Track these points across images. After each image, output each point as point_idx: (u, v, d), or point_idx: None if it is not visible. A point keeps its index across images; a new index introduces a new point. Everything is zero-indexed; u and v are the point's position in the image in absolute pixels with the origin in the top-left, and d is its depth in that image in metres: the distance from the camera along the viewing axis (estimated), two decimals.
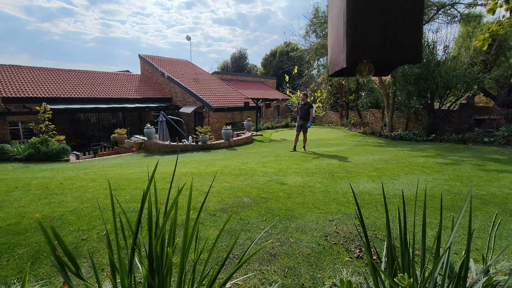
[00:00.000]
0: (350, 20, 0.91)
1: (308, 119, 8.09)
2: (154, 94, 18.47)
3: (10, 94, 12.56)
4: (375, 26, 0.92)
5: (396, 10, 0.92)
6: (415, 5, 0.93)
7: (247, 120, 13.29)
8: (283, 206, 3.14)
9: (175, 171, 5.14)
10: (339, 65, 0.97)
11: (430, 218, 2.89)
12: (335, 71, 1.04)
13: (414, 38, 0.95)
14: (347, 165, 5.70)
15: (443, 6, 11.50)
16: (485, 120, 11.60)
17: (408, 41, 0.94)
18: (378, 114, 17.00)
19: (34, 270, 1.86)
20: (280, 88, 29.90)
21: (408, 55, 0.94)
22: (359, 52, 0.92)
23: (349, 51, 0.91)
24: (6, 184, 4.22)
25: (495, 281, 1.26)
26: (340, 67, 0.96)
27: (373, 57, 0.93)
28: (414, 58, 0.96)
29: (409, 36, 0.94)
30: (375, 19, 0.92)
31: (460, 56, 12.11)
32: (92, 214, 2.79)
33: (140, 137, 10.90)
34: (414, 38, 0.95)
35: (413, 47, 0.95)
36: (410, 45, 0.94)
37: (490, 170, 5.20)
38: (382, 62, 1.00)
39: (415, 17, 0.94)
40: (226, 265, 1.96)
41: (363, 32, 0.92)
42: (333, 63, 1.05)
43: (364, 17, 0.91)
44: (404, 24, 0.93)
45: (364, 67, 0.98)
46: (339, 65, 0.97)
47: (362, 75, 1.02)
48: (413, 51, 0.95)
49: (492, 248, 1.40)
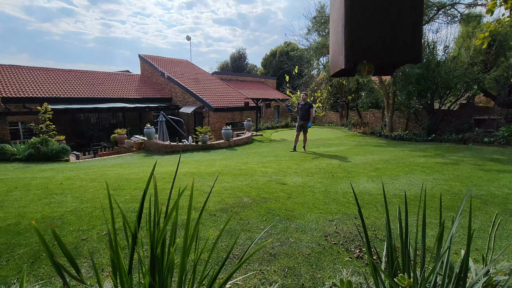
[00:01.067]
0: (348, 21, 0.91)
1: (308, 119, 8.10)
2: (154, 94, 18.47)
3: (10, 94, 12.55)
4: (374, 27, 0.92)
5: (395, 10, 0.92)
6: (415, 4, 0.93)
7: (247, 120, 13.29)
8: (283, 206, 3.14)
9: (175, 171, 5.14)
10: (338, 66, 0.98)
11: (430, 218, 2.89)
12: (335, 71, 1.05)
13: (414, 38, 0.95)
14: (347, 165, 5.70)
15: (443, 6, 11.50)
16: (485, 120, 11.60)
17: (408, 41, 0.94)
18: (378, 114, 17.00)
19: (34, 270, 1.86)
20: (280, 88, 29.90)
21: (408, 55, 0.95)
22: (358, 54, 0.92)
23: (348, 52, 0.91)
24: (6, 184, 4.22)
25: (495, 281, 1.26)
26: (340, 68, 0.97)
27: (372, 58, 0.94)
28: (414, 58, 0.96)
29: (409, 36, 0.94)
30: (374, 20, 0.92)
31: (460, 56, 12.09)
32: (92, 214, 2.79)
33: (140, 137, 10.90)
34: (414, 38, 0.95)
35: (413, 47, 0.95)
36: (410, 45, 0.94)
37: (490, 170, 5.20)
38: (382, 63, 1.00)
39: (415, 16, 0.94)
40: (226, 265, 1.96)
41: (362, 33, 0.92)
42: (333, 64, 1.06)
43: (363, 18, 0.92)
44: (403, 24, 0.93)
45: (364, 68, 0.98)
46: (339, 66, 0.97)
47: (361, 75, 1.02)
48: (413, 51, 0.95)
49: (492, 248, 1.40)
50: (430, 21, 12.01)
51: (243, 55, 40.05)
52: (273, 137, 13.21)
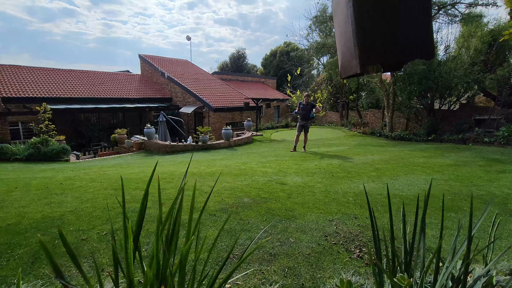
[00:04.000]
0: (358, 26, 0.91)
1: (310, 119, 8.15)
2: (154, 94, 18.48)
3: (10, 94, 12.56)
4: (385, 28, 0.92)
5: (405, 9, 0.92)
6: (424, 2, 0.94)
7: (247, 120, 13.29)
8: (283, 206, 3.14)
9: (175, 171, 5.14)
10: (352, 71, 0.98)
11: (430, 218, 2.89)
12: (348, 75, 1.06)
13: (427, 33, 0.95)
14: (347, 165, 5.70)
15: (444, 5, 11.49)
16: (485, 120, 11.59)
17: (421, 37, 0.95)
18: (378, 114, 17.00)
19: (34, 270, 1.86)
20: (280, 88, 29.90)
21: (422, 51, 0.95)
22: (371, 57, 0.93)
23: (362, 57, 0.91)
24: (6, 184, 4.22)
25: (495, 281, 1.26)
26: (354, 72, 0.97)
27: (386, 59, 0.94)
28: (427, 54, 0.97)
29: (422, 32, 0.94)
30: (385, 21, 0.92)
31: (461, 56, 12.09)
32: (92, 214, 2.79)
33: (140, 137, 10.90)
34: (427, 33, 0.95)
35: (427, 43, 0.95)
36: (423, 42, 0.95)
37: (490, 170, 5.19)
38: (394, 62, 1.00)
39: (425, 13, 0.95)
40: (226, 265, 1.96)
41: (374, 35, 0.92)
42: (345, 68, 1.06)
43: (373, 20, 0.91)
44: (414, 22, 0.93)
45: (372, 68, 0.99)
46: (352, 71, 0.98)
47: (371, 74, 1.04)
48: (427, 47, 0.95)
49: (492, 248, 1.40)
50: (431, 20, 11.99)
51: (243, 55, 40.03)
52: (273, 137, 13.21)
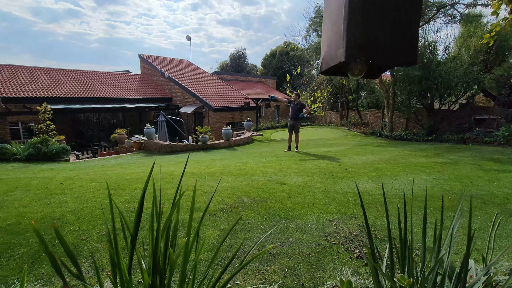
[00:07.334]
0: (352, 14, 0.89)
1: (299, 119, 8.00)
2: (154, 94, 18.47)
3: (10, 94, 12.55)
4: (378, 24, 0.92)
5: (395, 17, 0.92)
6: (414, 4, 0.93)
7: (247, 120, 13.28)
8: (283, 206, 3.14)
9: (175, 171, 5.13)
10: (335, 60, 0.97)
11: (430, 218, 2.89)
12: (329, 66, 1.04)
13: (412, 41, 0.94)
14: (347, 165, 5.70)
15: (443, 6, 11.49)
16: (485, 120, 11.59)
17: (408, 41, 0.94)
18: (378, 114, 16.99)
19: (34, 270, 1.86)
20: (280, 88, 29.88)
21: (407, 57, 0.94)
22: (357, 48, 0.91)
23: (349, 43, 0.90)
24: (6, 184, 4.22)
25: (495, 281, 1.26)
26: (338, 61, 0.95)
27: (370, 55, 0.93)
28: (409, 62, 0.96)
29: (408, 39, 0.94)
30: (379, 16, 0.91)
31: (460, 56, 12.09)
32: (92, 214, 2.79)
33: (140, 137, 10.90)
34: (412, 41, 0.94)
35: (411, 50, 0.94)
36: (408, 48, 0.94)
37: (490, 170, 5.19)
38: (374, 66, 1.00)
39: (414, 15, 0.94)
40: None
41: (366, 27, 0.91)
42: (327, 58, 1.05)
43: (367, 12, 0.91)
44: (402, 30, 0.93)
45: (356, 66, 0.98)
46: (336, 60, 0.96)
47: (353, 74, 1.02)
48: (411, 54, 0.94)
49: (492, 248, 1.40)
50: (430, 21, 12.00)
51: (243, 55, 40.02)
52: (273, 137, 13.21)
